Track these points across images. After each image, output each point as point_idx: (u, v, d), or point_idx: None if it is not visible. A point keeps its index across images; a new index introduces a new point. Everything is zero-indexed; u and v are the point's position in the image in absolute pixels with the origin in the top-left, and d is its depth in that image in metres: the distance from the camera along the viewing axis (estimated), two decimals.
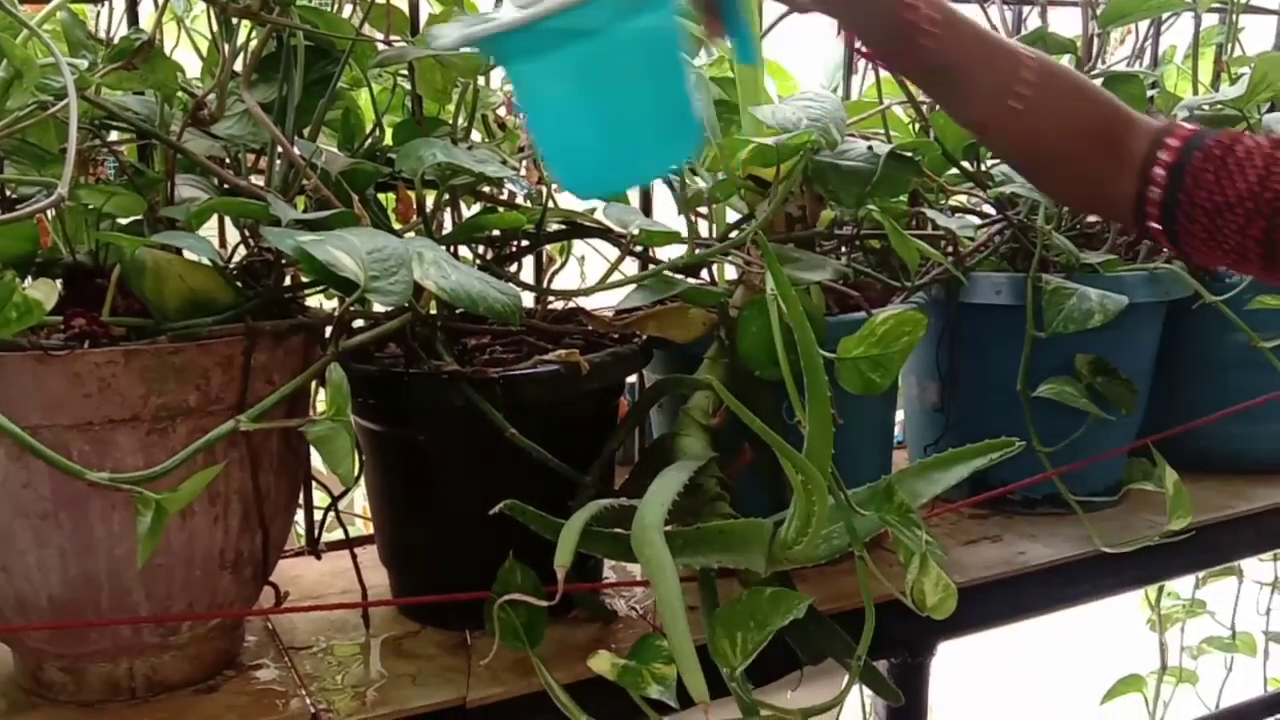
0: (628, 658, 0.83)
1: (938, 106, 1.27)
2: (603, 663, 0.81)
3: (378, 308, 0.94)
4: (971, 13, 1.45)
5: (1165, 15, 1.43)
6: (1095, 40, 1.30)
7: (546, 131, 0.77)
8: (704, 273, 1.15)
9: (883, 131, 1.24)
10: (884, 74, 1.24)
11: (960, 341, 1.25)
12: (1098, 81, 1.27)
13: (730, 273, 1.16)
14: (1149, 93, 1.34)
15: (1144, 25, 1.46)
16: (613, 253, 1.13)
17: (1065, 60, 1.36)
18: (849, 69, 1.35)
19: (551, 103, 0.74)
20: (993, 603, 1.15)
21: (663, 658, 0.82)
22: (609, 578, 1.11)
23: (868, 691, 0.94)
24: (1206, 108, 1.27)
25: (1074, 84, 0.89)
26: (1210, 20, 1.50)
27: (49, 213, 0.92)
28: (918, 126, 1.27)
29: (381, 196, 1.09)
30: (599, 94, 0.73)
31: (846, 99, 1.36)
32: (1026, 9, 1.47)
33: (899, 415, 1.35)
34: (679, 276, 1.05)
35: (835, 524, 0.84)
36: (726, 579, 0.91)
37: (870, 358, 0.91)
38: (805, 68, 1.39)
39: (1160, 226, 0.86)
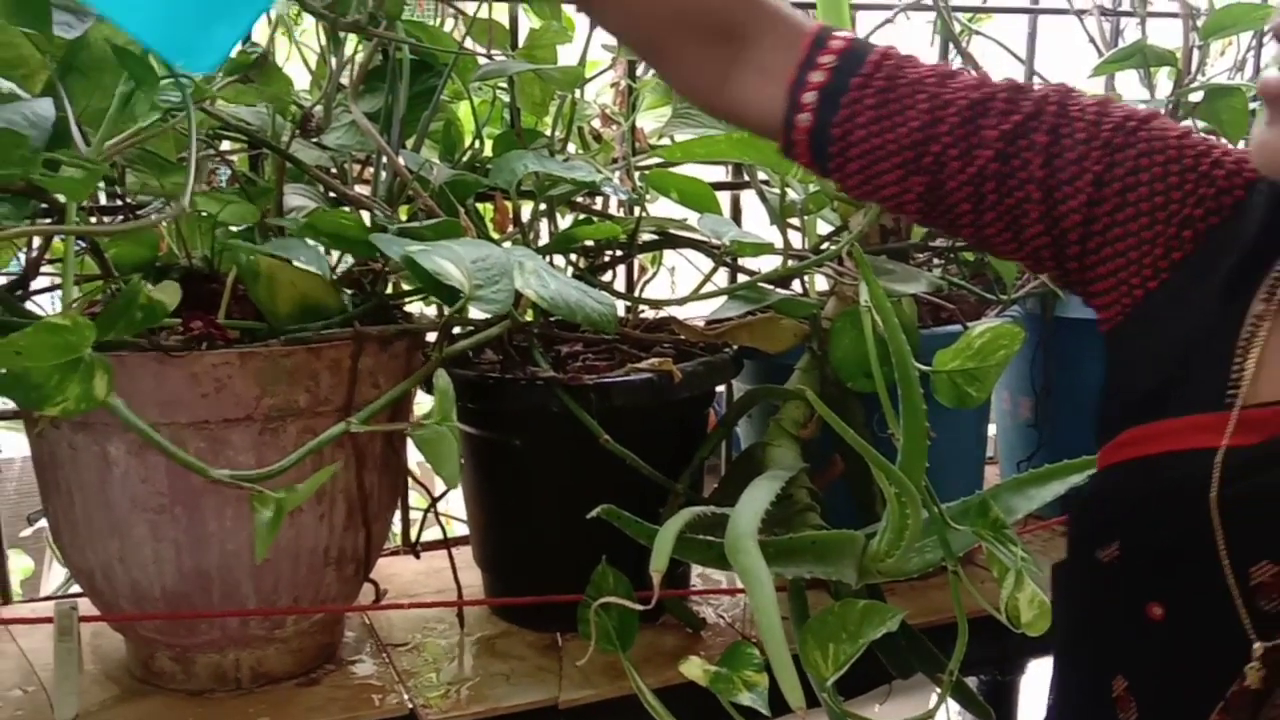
0: (718, 664, 0.83)
1: None
2: (694, 669, 0.82)
3: (476, 314, 0.97)
4: (1066, 22, 1.45)
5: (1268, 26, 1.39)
6: (1196, 52, 1.28)
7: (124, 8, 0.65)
8: (795, 284, 1.16)
9: None
10: None
11: (1055, 356, 1.24)
12: (1197, 95, 1.25)
13: (821, 284, 1.16)
14: (1251, 105, 1.31)
15: (1245, 37, 1.43)
16: (702, 262, 1.14)
17: (1164, 72, 1.34)
18: None
19: None
20: None
21: (754, 665, 0.83)
22: (695, 585, 1.12)
23: (955, 707, 0.93)
24: None
25: None
26: None
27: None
28: None
29: (480, 207, 1.11)
30: None
31: None
32: (1125, 20, 1.45)
33: (990, 430, 1.34)
34: (771, 288, 1.06)
35: (928, 538, 0.84)
36: (814, 590, 0.92)
37: (966, 371, 0.90)
38: None
39: (810, 158, 0.72)
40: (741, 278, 1.17)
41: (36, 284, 0.90)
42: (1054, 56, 1.46)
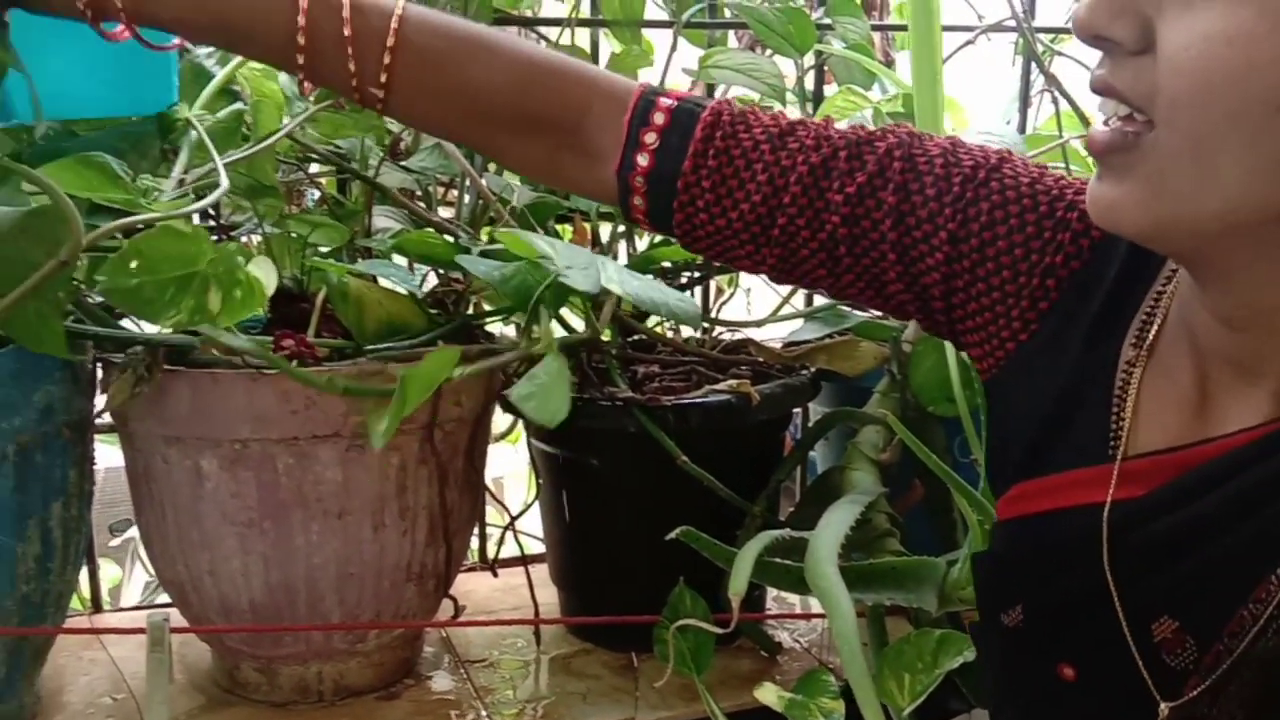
0: (794, 691, 0.83)
1: None
2: (769, 694, 0.82)
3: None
4: None
5: None
6: None
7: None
8: None
9: (1062, 165, 1.21)
10: (1063, 107, 1.22)
11: None
12: None
13: None
14: None
15: None
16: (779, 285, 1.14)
17: None
18: (1024, 102, 1.33)
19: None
20: None
21: (830, 693, 0.83)
22: (770, 609, 1.11)
23: None
24: None
25: (471, 50, 0.65)
26: None
27: (256, 239, 0.99)
28: None
29: (560, 228, 1.13)
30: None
31: (1022, 132, 1.34)
32: None
33: None
34: (850, 309, 1.05)
35: None
36: (893, 616, 0.91)
37: None
38: (979, 100, 1.38)
39: (656, 230, 0.69)
40: (819, 300, 1.17)
41: None
42: None
